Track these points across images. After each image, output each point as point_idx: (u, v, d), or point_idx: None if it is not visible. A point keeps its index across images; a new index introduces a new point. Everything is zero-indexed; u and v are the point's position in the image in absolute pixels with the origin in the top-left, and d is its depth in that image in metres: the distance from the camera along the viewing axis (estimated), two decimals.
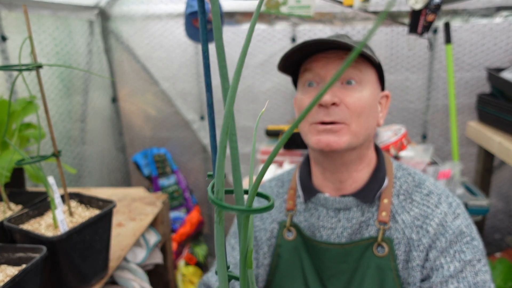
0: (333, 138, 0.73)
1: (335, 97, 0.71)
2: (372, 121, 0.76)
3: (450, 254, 0.73)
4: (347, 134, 0.73)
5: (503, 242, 2.06)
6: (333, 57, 0.73)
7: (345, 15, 1.90)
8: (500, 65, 1.81)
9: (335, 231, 0.79)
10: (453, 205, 0.77)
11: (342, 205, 0.79)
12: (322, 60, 0.73)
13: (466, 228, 0.75)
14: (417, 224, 0.75)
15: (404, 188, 0.79)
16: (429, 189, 0.79)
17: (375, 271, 0.75)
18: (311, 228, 0.82)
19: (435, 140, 2.04)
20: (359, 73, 0.73)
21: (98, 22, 2.05)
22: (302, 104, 0.77)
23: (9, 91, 1.33)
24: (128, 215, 1.17)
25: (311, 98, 0.74)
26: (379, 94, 0.79)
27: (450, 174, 1.52)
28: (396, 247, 0.75)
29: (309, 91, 0.75)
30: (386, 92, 0.82)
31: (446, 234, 0.73)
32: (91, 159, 2.02)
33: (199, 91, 2.18)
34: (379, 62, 0.75)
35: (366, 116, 0.73)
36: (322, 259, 0.80)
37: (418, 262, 0.74)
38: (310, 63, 0.75)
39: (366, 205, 0.78)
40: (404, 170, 0.83)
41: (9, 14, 1.43)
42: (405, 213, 0.77)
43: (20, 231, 0.74)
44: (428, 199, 0.77)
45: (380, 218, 0.76)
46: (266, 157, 1.86)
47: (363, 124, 0.73)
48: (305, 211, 0.84)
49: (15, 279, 0.59)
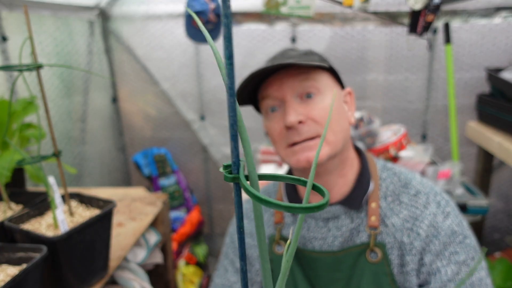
0: (311, 153, 0.72)
1: (299, 115, 0.70)
2: (343, 124, 0.75)
3: (445, 257, 0.72)
4: (325, 146, 0.72)
5: (502, 242, 2.06)
6: (285, 76, 0.72)
7: (345, 15, 1.91)
8: (499, 65, 1.81)
9: (326, 241, 0.78)
10: (441, 204, 0.76)
11: (330, 214, 0.78)
12: (275, 83, 0.72)
13: (458, 226, 0.74)
14: (407, 226, 0.74)
15: (391, 190, 0.78)
16: (416, 189, 0.78)
17: (371, 277, 0.74)
18: (302, 240, 0.81)
19: (434, 140, 2.04)
20: (314, 83, 0.72)
21: (99, 22, 2.05)
22: (272, 131, 0.76)
23: (10, 91, 1.34)
24: (128, 215, 1.17)
25: (278, 123, 0.74)
26: (341, 94, 0.78)
27: (449, 174, 1.52)
28: (389, 251, 0.74)
29: (274, 116, 0.75)
30: (347, 89, 0.81)
31: (439, 236, 0.72)
32: (91, 159, 2.02)
33: (199, 91, 2.19)
34: (329, 65, 0.75)
35: (336, 122, 0.73)
36: (314, 268, 0.78)
37: (413, 266, 0.73)
38: (266, 90, 0.74)
39: (354, 211, 0.77)
40: (389, 170, 0.81)
41: (9, 14, 1.43)
42: (394, 216, 0.76)
43: (21, 231, 0.74)
44: (416, 200, 0.76)
45: (370, 223, 0.75)
46: (266, 157, 1.86)
47: (336, 131, 0.73)
48: (293, 223, 0.82)
49: (15, 279, 0.59)
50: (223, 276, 0.89)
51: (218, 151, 2.29)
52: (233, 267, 0.88)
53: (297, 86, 0.71)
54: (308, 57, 0.75)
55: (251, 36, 2.03)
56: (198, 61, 2.12)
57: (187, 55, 2.12)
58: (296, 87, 0.71)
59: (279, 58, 0.75)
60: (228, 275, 0.88)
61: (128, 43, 2.13)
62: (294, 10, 1.62)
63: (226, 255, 0.91)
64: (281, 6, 1.61)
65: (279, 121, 0.74)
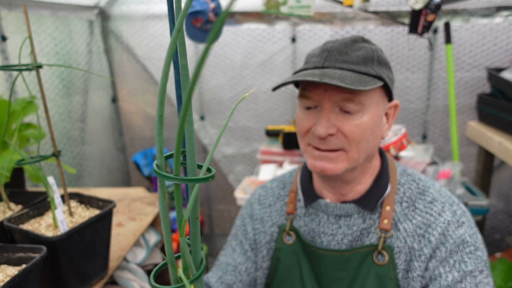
0: (328, 165, 0.71)
1: (331, 127, 0.69)
2: (373, 141, 0.73)
3: (449, 264, 0.71)
4: (344, 161, 0.71)
5: (503, 242, 2.06)
6: (330, 86, 0.69)
7: (345, 15, 1.90)
8: (500, 65, 1.81)
9: (335, 238, 0.78)
10: (457, 213, 0.74)
11: (343, 212, 0.78)
12: (319, 88, 0.70)
13: (470, 237, 0.72)
14: (419, 233, 0.74)
15: (408, 195, 0.77)
16: (433, 196, 0.77)
17: (375, 279, 0.74)
18: (312, 234, 0.81)
19: (435, 140, 2.03)
20: (359, 100, 0.69)
21: (98, 22, 2.05)
22: (301, 124, 0.75)
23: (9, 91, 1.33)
24: (128, 215, 1.17)
25: (309, 121, 0.72)
26: (385, 107, 0.75)
27: (450, 174, 1.52)
28: (397, 255, 0.74)
29: (309, 113, 0.73)
30: (394, 102, 0.78)
31: (447, 244, 0.72)
32: (91, 159, 2.02)
33: (199, 91, 2.18)
34: (383, 79, 0.71)
35: (366, 141, 0.71)
36: (320, 265, 0.79)
37: (419, 273, 0.72)
38: (308, 90, 0.72)
39: (368, 212, 0.77)
40: (409, 176, 0.80)
41: (9, 14, 1.43)
42: (408, 221, 0.75)
43: (20, 231, 0.74)
44: (431, 207, 0.75)
45: (382, 225, 0.75)
46: (266, 157, 1.86)
47: (362, 149, 0.71)
48: (305, 216, 0.83)
49: (15, 279, 0.59)
50: (230, 255, 0.90)
51: (218, 151, 2.28)
52: (241, 248, 0.89)
53: (339, 100, 0.69)
54: (366, 66, 0.70)
55: (251, 36, 2.03)
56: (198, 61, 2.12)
57: (187, 54, 2.11)
58: (339, 100, 0.69)
59: (333, 59, 0.70)
60: (235, 255, 0.89)
61: (128, 43, 2.12)
62: (294, 9, 1.62)
63: (236, 236, 0.92)
64: (281, 6, 1.61)
65: (310, 120, 0.72)
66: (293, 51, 2.02)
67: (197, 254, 0.33)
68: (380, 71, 0.71)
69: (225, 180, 2.35)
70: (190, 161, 0.29)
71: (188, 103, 0.21)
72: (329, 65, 0.70)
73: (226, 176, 2.33)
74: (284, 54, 2.04)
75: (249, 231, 0.89)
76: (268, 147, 1.87)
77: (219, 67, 2.11)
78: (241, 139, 2.25)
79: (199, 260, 0.34)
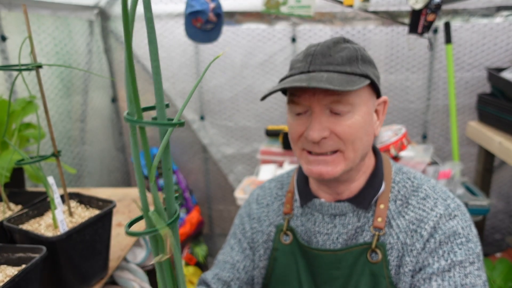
0: (325, 168, 0.71)
1: (324, 130, 0.69)
2: (367, 139, 0.74)
3: (438, 254, 0.71)
4: (342, 162, 0.71)
5: (503, 242, 2.06)
6: (318, 89, 0.69)
7: (345, 15, 1.90)
8: (500, 65, 1.81)
9: (330, 237, 0.79)
10: (451, 207, 0.75)
11: (337, 211, 0.78)
12: (307, 93, 0.70)
13: (463, 229, 0.73)
14: (412, 228, 0.74)
15: (402, 193, 0.78)
16: (426, 192, 0.77)
17: (369, 277, 0.74)
18: (308, 233, 0.82)
19: (435, 140, 2.03)
20: (348, 100, 0.69)
21: (98, 22, 2.05)
22: (292, 130, 0.75)
23: (9, 91, 1.33)
24: (128, 215, 1.17)
25: (301, 126, 0.72)
26: (374, 104, 0.76)
27: (450, 174, 1.52)
28: (389, 252, 0.74)
29: (299, 118, 0.73)
30: (383, 98, 0.78)
31: (436, 235, 0.72)
32: (91, 159, 2.02)
33: (199, 91, 2.18)
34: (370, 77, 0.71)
35: (360, 139, 0.71)
36: (315, 264, 0.79)
37: (410, 268, 0.72)
38: (296, 96, 0.72)
39: (362, 210, 0.77)
40: (404, 174, 0.81)
41: (8, 14, 1.43)
42: (401, 218, 0.75)
43: (20, 231, 0.74)
44: (424, 203, 0.76)
45: (375, 224, 0.75)
46: (266, 157, 1.86)
47: (358, 148, 0.71)
48: (302, 216, 0.83)
49: (14, 279, 0.59)
50: (228, 254, 0.90)
51: (218, 151, 2.28)
52: (239, 246, 0.90)
53: (328, 102, 0.69)
54: (351, 66, 0.70)
55: (251, 36, 2.03)
56: (198, 61, 2.12)
57: (187, 54, 2.11)
58: (328, 103, 0.69)
59: (318, 62, 0.70)
60: (233, 253, 0.89)
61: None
62: (294, 9, 1.62)
63: (234, 235, 0.92)
64: (281, 6, 1.61)
65: (302, 125, 0.72)
66: (293, 51, 2.02)
67: (170, 204, 0.34)
68: (365, 70, 0.71)
69: (225, 180, 2.35)
70: (159, 105, 0.29)
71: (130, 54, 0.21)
72: (314, 68, 0.70)
73: (226, 176, 2.33)
74: (284, 54, 2.03)
75: (247, 229, 0.89)
76: (268, 147, 1.87)
77: (219, 67, 2.11)
78: (241, 139, 2.25)
79: (173, 211, 0.34)
